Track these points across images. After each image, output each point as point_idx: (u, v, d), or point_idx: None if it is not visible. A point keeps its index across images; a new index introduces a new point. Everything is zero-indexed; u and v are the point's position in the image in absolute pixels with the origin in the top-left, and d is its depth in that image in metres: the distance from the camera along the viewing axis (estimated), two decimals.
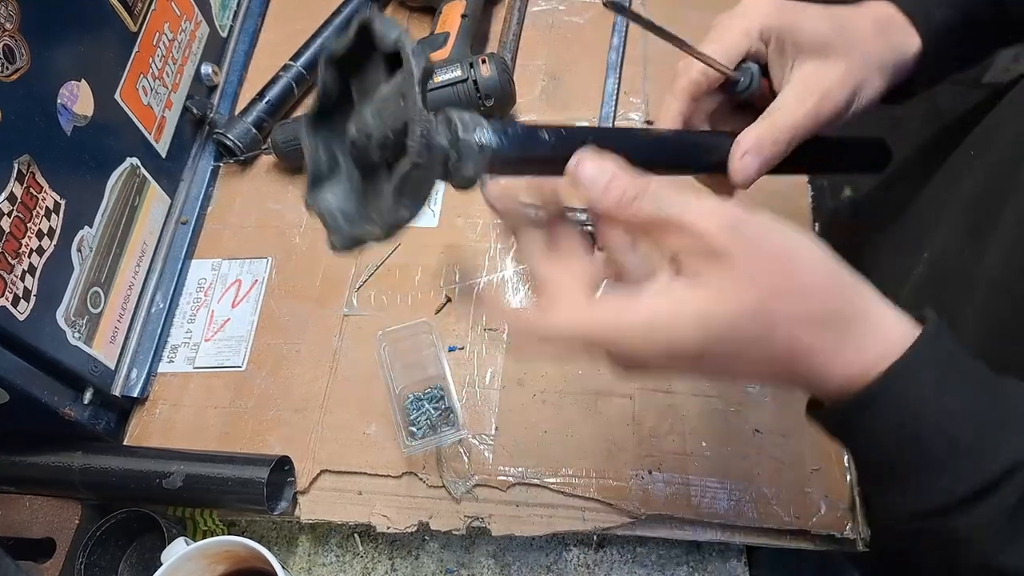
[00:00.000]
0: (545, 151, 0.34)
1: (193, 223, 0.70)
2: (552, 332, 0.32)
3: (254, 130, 0.72)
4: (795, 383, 0.33)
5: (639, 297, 0.31)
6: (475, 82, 0.67)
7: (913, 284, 0.51)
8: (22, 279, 0.50)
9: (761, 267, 0.30)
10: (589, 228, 0.35)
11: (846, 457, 0.57)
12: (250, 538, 0.51)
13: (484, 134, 0.32)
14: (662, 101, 0.45)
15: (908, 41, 0.43)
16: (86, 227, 0.57)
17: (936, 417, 0.30)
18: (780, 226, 0.31)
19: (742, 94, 0.43)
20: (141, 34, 0.64)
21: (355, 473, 0.59)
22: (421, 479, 0.58)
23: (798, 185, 0.69)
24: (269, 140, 0.72)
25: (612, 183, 0.32)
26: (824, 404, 0.34)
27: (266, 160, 0.75)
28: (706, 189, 0.41)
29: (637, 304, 0.31)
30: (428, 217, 0.70)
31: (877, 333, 0.31)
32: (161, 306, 0.66)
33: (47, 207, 0.53)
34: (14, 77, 0.50)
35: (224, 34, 0.79)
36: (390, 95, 0.31)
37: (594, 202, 0.32)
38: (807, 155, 0.43)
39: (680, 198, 0.31)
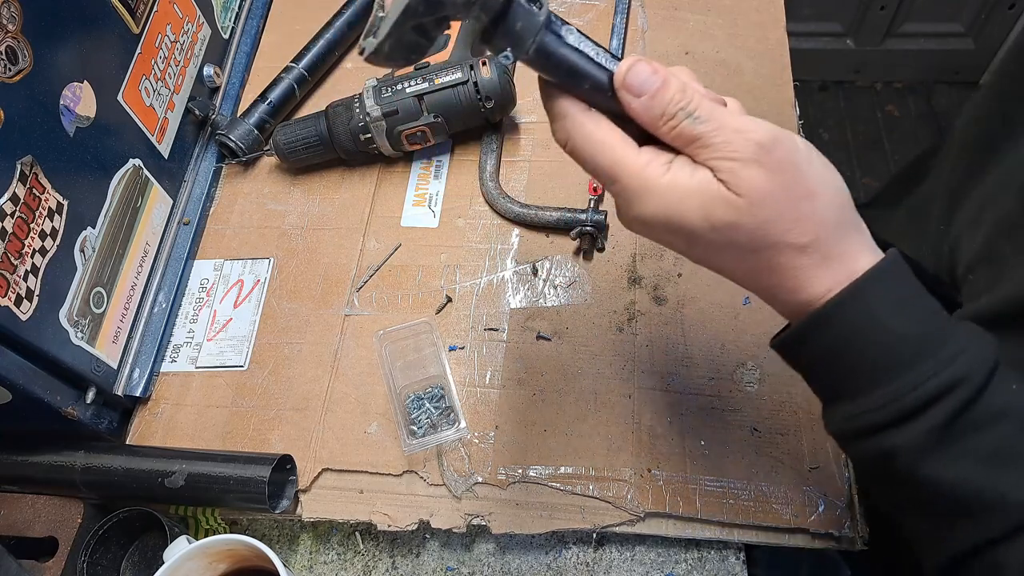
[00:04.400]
0: (590, 66, 0.35)
1: (195, 224, 0.71)
2: (589, 145, 0.36)
3: (256, 131, 0.73)
4: (766, 293, 0.37)
5: (668, 162, 0.35)
6: (475, 84, 0.67)
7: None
8: (25, 279, 0.51)
9: (775, 191, 0.33)
10: None
11: (844, 456, 0.57)
12: (252, 536, 0.52)
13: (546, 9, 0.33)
14: None
15: None
16: (89, 228, 0.58)
17: (878, 336, 0.34)
18: (806, 155, 0.34)
19: None
20: (143, 36, 0.64)
21: (356, 472, 0.59)
22: (422, 477, 0.58)
23: None
24: (271, 141, 0.72)
25: (660, 92, 0.34)
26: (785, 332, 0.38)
27: (268, 161, 0.75)
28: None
29: (662, 167, 0.35)
30: (428, 217, 0.70)
31: (849, 267, 0.34)
32: (164, 306, 0.66)
33: (50, 208, 0.53)
34: (17, 78, 0.50)
35: (226, 36, 0.79)
36: None
37: (638, 112, 0.35)
38: None
39: (717, 118, 0.33)
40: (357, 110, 0.68)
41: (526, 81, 0.76)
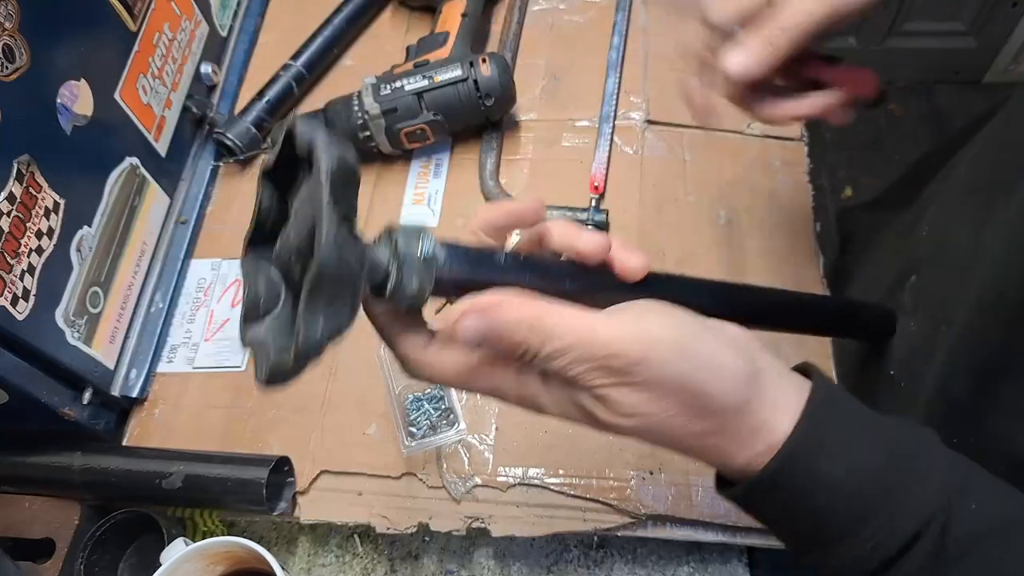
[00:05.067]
0: (499, 276, 0.31)
1: (193, 223, 0.70)
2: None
3: (254, 129, 0.72)
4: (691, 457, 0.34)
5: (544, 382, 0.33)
6: (475, 81, 0.66)
7: (916, 262, 0.51)
8: (21, 279, 0.50)
9: (656, 406, 0.30)
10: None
11: None
12: (249, 539, 0.51)
13: (429, 246, 0.29)
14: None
15: None
16: (85, 227, 0.57)
17: (827, 492, 0.31)
18: (678, 356, 0.30)
19: None
20: (141, 33, 0.64)
21: (355, 474, 0.58)
22: (421, 480, 0.58)
23: (799, 185, 0.69)
24: (269, 139, 0.72)
25: (500, 341, 0.30)
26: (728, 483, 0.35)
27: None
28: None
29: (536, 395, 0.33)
30: (428, 216, 0.70)
31: (766, 439, 0.31)
32: (160, 306, 0.66)
33: (46, 207, 0.53)
34: (13, 76, 0.49)
35: (224, 33, 0.78)
36: (304, 198, 0.27)
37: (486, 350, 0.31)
38: (813, 318, 0.44)
39: (571, 349, 0.30)
40: (356, 108, 0.68)
41: (526, 79, 0.76)
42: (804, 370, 0.35)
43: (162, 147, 0.68)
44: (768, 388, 0.32)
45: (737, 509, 0.35)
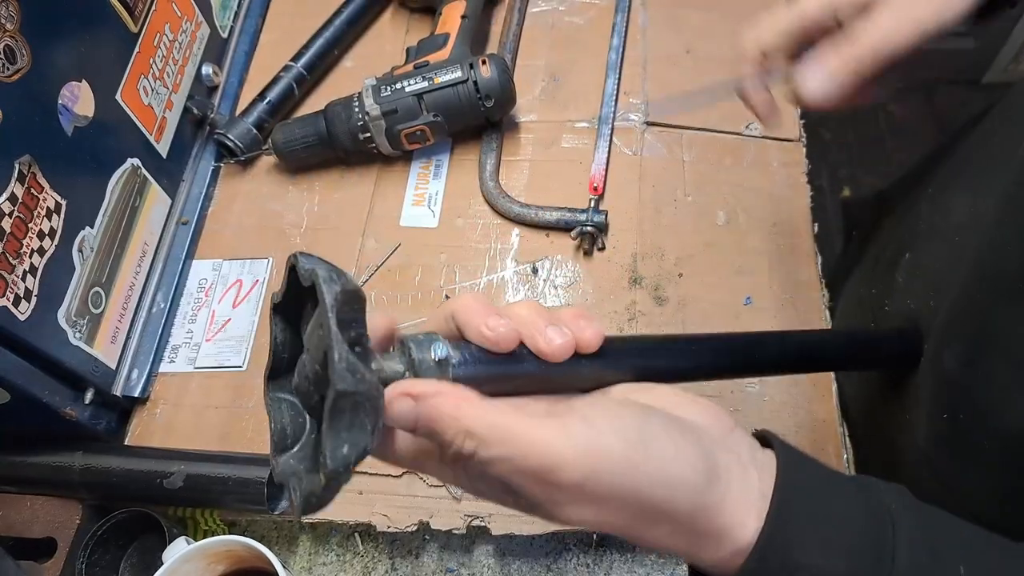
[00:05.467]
0: (517, 368, 0.30)
1: (194, 223, 0.70)
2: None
3: (255, 130, 0.73)
4: None
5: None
6: (475, 83, 0.67)
7: (912, 239, 0.51)
8: (23, 279, 0.51)
9: (609, 519, 0.29)
10: None
11: (846, 456, 0.57)
12: (251, 538, 0.51)
13: (441, 350, 0.29)
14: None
15: None
16: (87, 227, 0.57)
17: None
18: (629, 469, 0.28)
19: None
20: (142, 35, 0.64)
21: (355, 472, 0.58)
22: (421, 478, 0.58)
23: (798, 185, 0.69)
24: (270, 140, 0.72)
25: (434, 430, 0.28)
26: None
27: (267, 160, 0.75)
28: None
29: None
30: (428, 217, 0.70)
31: (735, 538, 0.30)
32: (162, 306, 0.66)
33: (48, 207, 0.53)
34: (15, 77, 0.50)
35: (225, 34, 0.79)
36: (313, 328, 0.28)
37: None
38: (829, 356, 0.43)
39: (510, 461, 0.28)
40: (356, 109, 0.68)
41: (526, 81, 0.76)
42: (764, 437, 0.34)
43: (163, 148, 0.68)
44: (727, 492, 0.30)
45: None
